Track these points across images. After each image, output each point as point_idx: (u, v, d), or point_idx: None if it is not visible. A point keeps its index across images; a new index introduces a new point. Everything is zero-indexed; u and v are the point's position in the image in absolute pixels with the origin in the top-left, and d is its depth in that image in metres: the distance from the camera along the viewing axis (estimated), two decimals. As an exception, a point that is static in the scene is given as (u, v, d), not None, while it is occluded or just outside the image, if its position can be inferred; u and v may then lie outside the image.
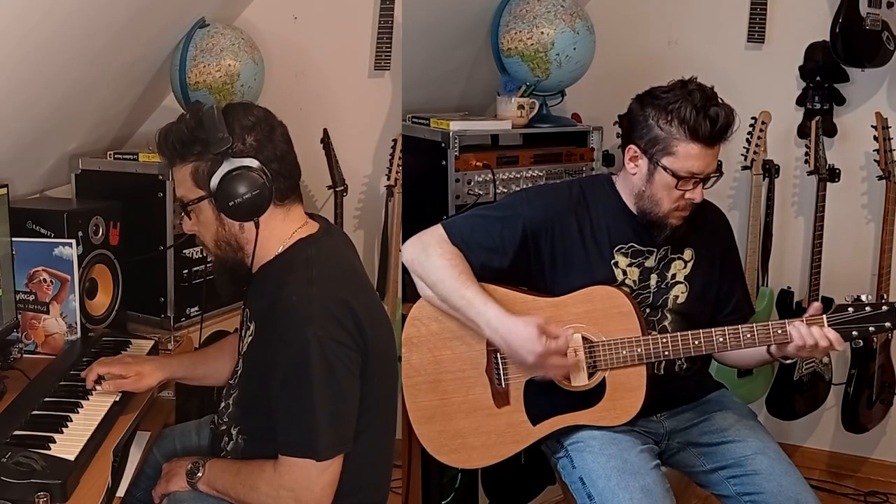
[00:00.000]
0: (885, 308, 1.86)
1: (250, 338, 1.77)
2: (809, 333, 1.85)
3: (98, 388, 1.91)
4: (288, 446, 1.65)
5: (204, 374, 2.08)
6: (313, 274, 1.69)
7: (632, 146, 1.98)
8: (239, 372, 1.82)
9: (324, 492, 1.66)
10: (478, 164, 2.61)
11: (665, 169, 1.92)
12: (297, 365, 1.63)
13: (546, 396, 1.98)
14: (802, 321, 1.87)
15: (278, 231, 1.77)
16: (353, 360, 1.68)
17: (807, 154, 2.91)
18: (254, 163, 1.69)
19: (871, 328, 1.86)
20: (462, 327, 2.00)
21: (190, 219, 1.79)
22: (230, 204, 1.69)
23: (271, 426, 1.68)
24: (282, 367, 1.65)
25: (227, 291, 1.91)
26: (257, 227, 1.73)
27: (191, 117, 1.72)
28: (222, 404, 1.88)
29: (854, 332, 1.87)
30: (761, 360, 2.02)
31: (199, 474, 1.78)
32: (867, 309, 1.86)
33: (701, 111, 1.87)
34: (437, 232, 2.03)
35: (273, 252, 1.77)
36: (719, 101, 1.91)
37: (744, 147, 2.91)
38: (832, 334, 1.84)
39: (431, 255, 1.99)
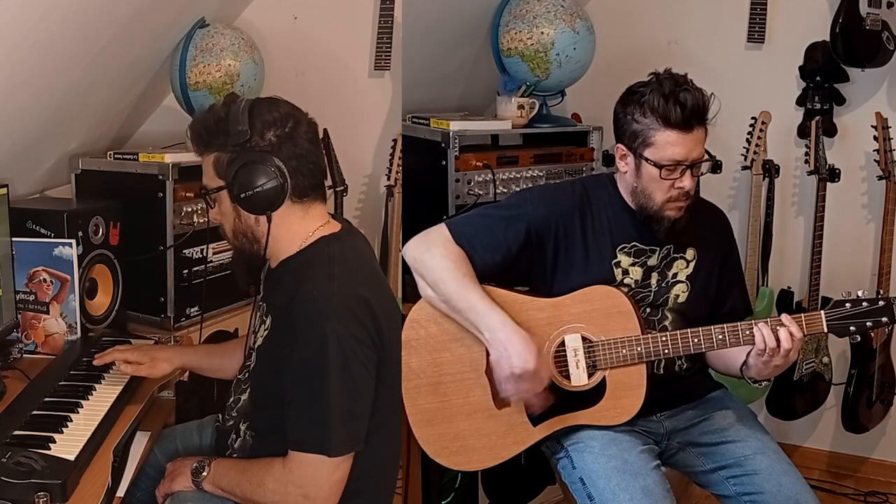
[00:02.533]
0: (881, 303, 1.86)
1: (266, 332, 1.78)
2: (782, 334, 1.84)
3: (114, 368, 1.99)
4: (299, 442, 1.65)
5: (220, 365, 2.10)
6: (335, 270, 1.70)
7: (619, 145, 2.02)
8: (251, 366, 1.81)
9: (333, 490, 1.65)
10: (478, 164, 2.61)
11: (647, 160, 1.94)
12: (313, 359, 1.63)
13: (546, 397, 1.98)
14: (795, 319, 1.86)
15: (296, 228, 1.77)
16: (370, 358, 1.68)
17: (807, 154, 2.91)
18: (269, 158, 1.71)
19: (869, 323, 1.86)
20: (461, 329, 1.99)
21: (212, 207, 1.82)
22: (242, 196, 1.72)
23: (282, 423, 1.67)
24: (298, 360, 1.65)
25: (243, 282, 1.95)
26: (269, 221, 1.75)
27: (221, 108, 1.76)
28: (231, 399, 1.88)
29: (851, 328, 1.87)
30: (736, 373, 2.01)
31: (205, 473, 1.77)
32: (864, 304, 1.86)
33: (670, 98, 1.89)
34: (440, 231, 2.03)
35: (294, 248, 1.78)
36: (690, 86, 1.93)
37: (744, 147, 2.91)
38: (795, 330, 1.84)
39: (435, 255, 1.98)
